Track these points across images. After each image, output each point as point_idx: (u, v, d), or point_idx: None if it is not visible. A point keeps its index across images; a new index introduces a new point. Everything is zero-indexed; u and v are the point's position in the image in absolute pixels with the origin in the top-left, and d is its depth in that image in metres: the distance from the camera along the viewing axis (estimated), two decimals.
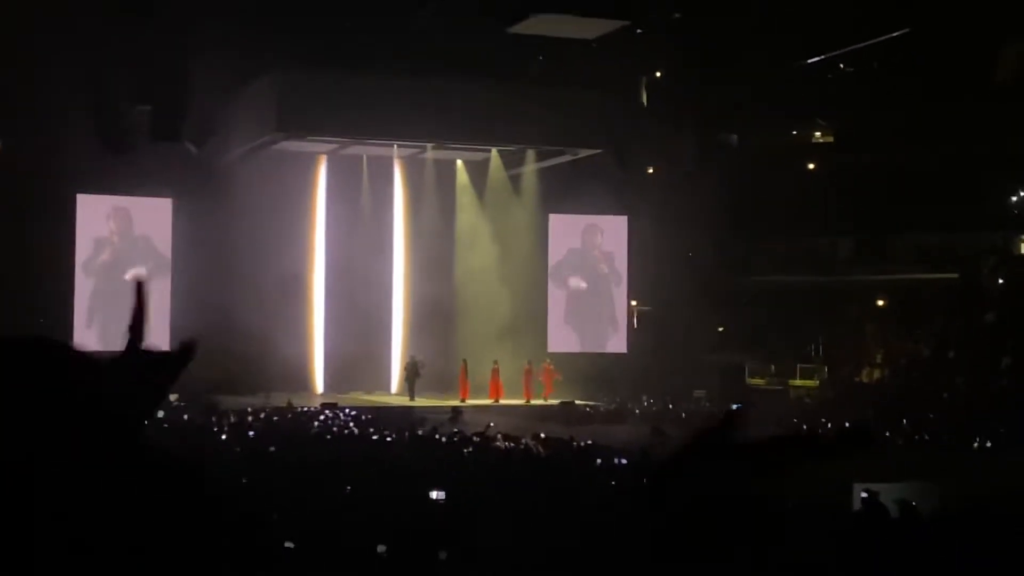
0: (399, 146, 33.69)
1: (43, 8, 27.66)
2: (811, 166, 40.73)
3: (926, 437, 24.95)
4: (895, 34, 32.97)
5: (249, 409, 24.77)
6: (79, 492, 1.15)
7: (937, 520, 10.99)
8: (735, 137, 41.94)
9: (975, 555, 8.54)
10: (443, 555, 7.98)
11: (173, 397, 27.88)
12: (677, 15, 33.28)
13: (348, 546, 7.88)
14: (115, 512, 1.17)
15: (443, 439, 19.10)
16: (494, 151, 34.45)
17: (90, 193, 33.07)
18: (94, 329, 32.92)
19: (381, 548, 7.59)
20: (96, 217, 33.36)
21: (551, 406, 31.32)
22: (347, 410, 26.22)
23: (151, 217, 33.79)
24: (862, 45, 34.82)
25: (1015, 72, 36.39)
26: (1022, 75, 36.18)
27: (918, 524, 10.75)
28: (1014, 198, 38.52)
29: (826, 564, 8.16)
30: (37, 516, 1.12)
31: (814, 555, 8.41)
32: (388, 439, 18.79)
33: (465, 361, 32.84)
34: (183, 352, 1.40)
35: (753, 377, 37.19)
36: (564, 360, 34.74)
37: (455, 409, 27.31)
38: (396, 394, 33.70)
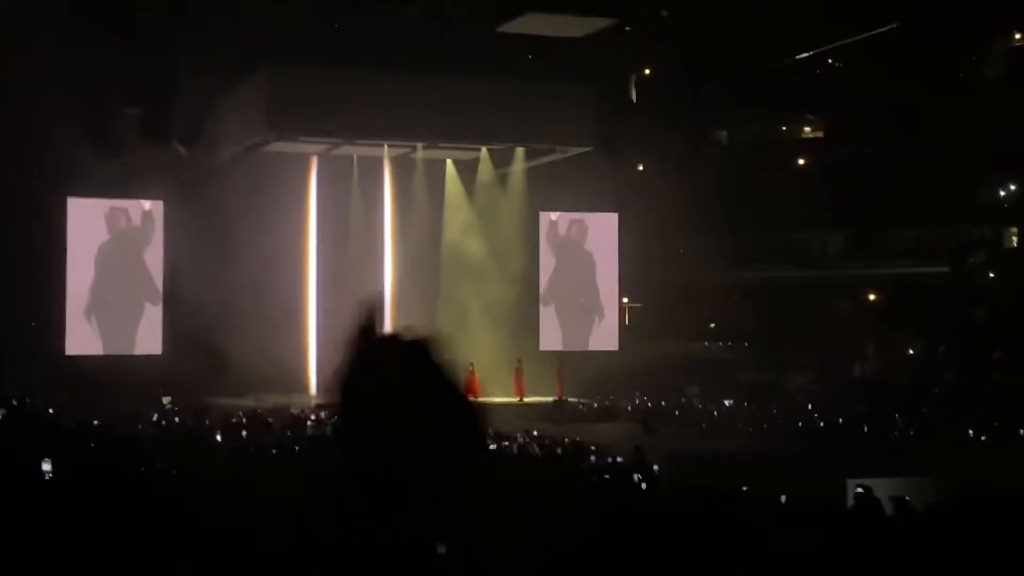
0: (389, 146, 33.67)
1: (31, 11, 27.60)
2: (801, 161, 40.78)
3: (921, 431, 25.02)
4: (883, 30, 33.04)
5: (241, 413, 24.74)
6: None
7: (932, 515, 11.02)
8: (725, 133, 41.99)
9: (971, 550, 8.56)
10: (441, 549, 7.96)
11: (166, 400, 27.91)
12: (665, 12, 33.32)
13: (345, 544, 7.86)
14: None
15: None
16: (484, 150, 34.44)
17: (81, 196, 33.02)
18: (94, 331, 32.92)
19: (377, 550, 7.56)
20: (87, 220, 33.30)
21: (544, 404, 31.32)
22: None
23: (143, 219, 33.75)
24: (850, 41, 34.90)
25: (1002, 66, 36.50)
26: (1008, 69, 36.29)
27: (913, 519, 10.77)
28: (1003, 192, 38.60)
29: (819, 561, 8.17)
30: None
31: (807, 552, 8.42)
32: None
33: (471, 364, 32.91)
34: None
35: (745, 372, 37.24)
36: (559, 358, 34.86)
37: None
38: None
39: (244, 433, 19.25)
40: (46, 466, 9.17)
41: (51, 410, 21.14)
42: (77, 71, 29.56)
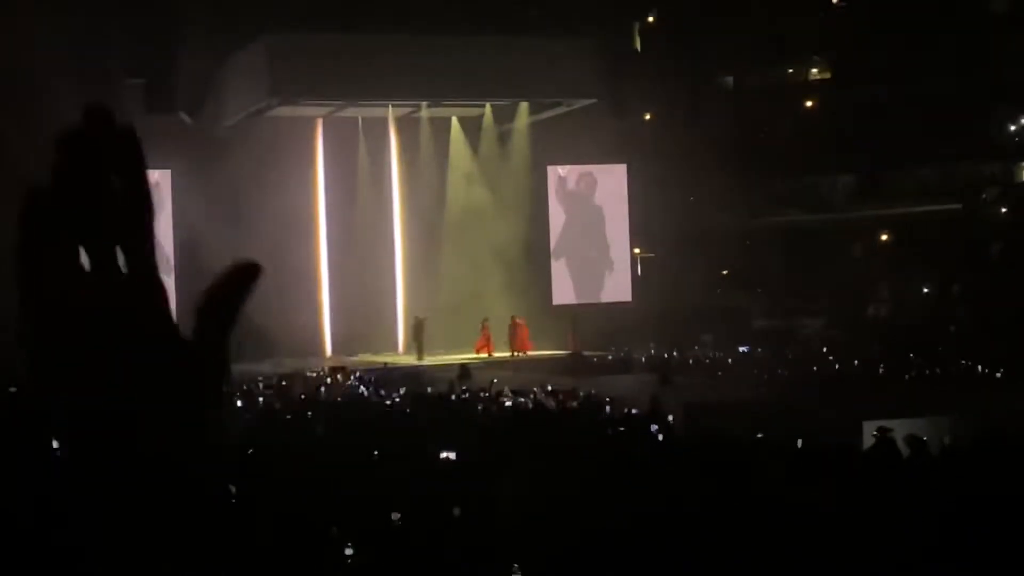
0: (394, 106, 33.56)
1: None
2: (808, 104, 40.54)
3: (936, 371, 24.98)
4: None
5: (260, 378, 24.84)
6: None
7: (948, 454, 11.03)
8: (731, 78, 41.73)
9: (988, 486, 8.57)
10: (456, 511, 8.01)
11: None
12: None
13: (362, 511, 7.92)
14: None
15: (453, 397, 19.17)
16: (488, 106, 34.31)
17: None
18: None
19: (395, 516, 7.64)
20: None
21: (559, 358, 31.35)
22: (356, 373, 26.27)
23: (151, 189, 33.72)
24: None
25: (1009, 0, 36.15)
26: (1015, 3, 35.93)
27: (929, 460, 10.79)
28: (1013, 127, 38.34)
29: (836, 502, 8.20)
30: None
31: (824, 494, 8.44)
32: (397, 400, 18.87)
33: (486, 318, 32.95)
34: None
35: (759, 318, 37.22)
36: (575, 311, 34.93)
37: (463, 367, 27.38)
38: (404, 353, 33.77)
39: (261, 400, 19.33)
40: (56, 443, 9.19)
41: None
42: (79, 41, 29.46)
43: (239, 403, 19.02)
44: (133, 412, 0.99)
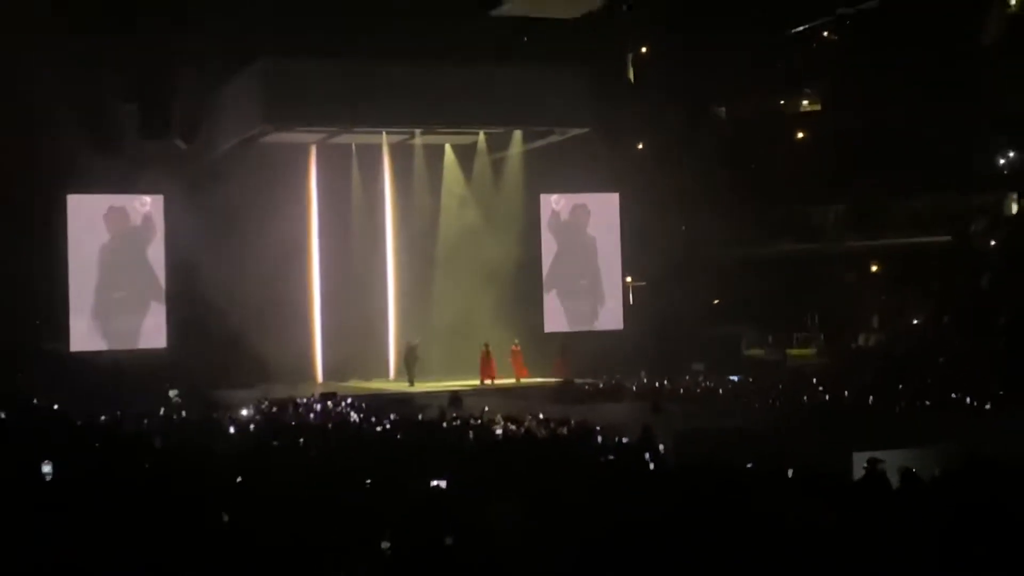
0: (387, 133, 33.65)
1: (29, 6, 27.56)
2: (800, 135, 40.70)
3: (926, 402, 24.99)
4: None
5: (250, 404, 24.77)
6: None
7: (937, 486, 11.03)
8: (723, 109, 41.91)
9: (978, 519, 8.57)
10: (449, 540, 8.00)
11: (173, 393, 27.97)
12: None
13: (352, 538, 7.90)
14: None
15: (444, 425, 19.15)
16: (481, 134, 34.43)
17: (80, 193, 32.99)
18: (98, 328, 32.89)
19: (385, 545, 7.62)
20: (88, 217, 33.28)
21: (549, 386, 31.37)
22: (347, 399, 26.23)
23: (144, 215, 33.73)
24: (847, 11, 34.83)
25: (1002, 31, 36.37)
26: (1008, 34, 36.16)
27: (919, 491, 10.78)
28: (1002, 159, 38.49)
29: (827, 534, 8.19)
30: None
31: (815, 525, 8.44)
32: (388, 427, 18.84)
33: (487, 344, 32.89)
34: None
35: (750, 348, 37.22)
36: (565, 339, 34.98)
37: (454, 394, 27.36)
38: (395, 380, 33.75)
39: (252, 426, 19.29)
40: (46, 468, 9.17)
41: (55, 408, 21.18)
42: (75, 67, 29.52)
43: (230, 429, 18.98)
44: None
